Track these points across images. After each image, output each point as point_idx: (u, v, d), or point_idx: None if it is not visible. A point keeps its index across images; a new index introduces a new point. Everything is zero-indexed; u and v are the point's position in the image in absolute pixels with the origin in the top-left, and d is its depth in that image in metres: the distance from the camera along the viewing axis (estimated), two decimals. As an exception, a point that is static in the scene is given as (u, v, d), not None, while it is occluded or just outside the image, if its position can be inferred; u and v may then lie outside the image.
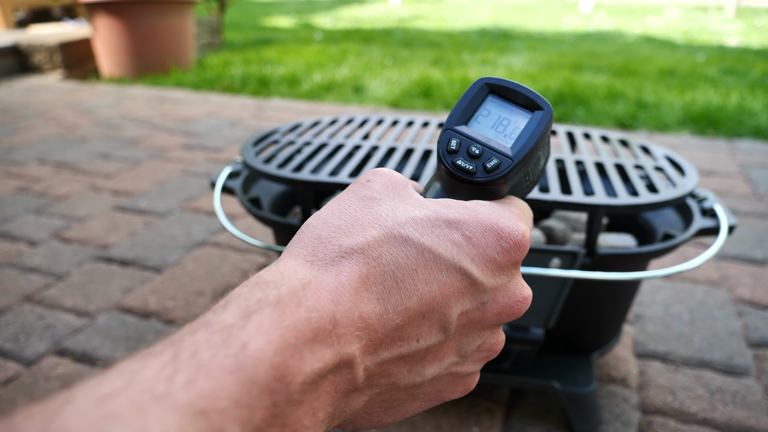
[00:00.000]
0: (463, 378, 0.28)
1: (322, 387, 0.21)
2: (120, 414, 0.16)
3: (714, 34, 4.88)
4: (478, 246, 0.25)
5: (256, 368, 0.19)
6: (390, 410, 0.26)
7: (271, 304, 0.21)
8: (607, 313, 0.73)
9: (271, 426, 0.19)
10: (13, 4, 3.74)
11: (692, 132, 2.11)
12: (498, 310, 0.26)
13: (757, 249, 1.20)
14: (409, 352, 0.24)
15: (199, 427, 0.17)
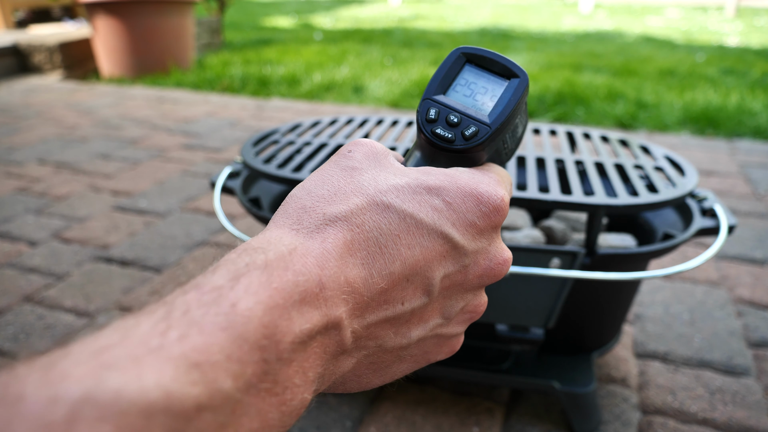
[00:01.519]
0: (448, 339, 0.29)
1: (311, 347, 0.21)
2: (116, 363, 0.17)
3: (714, 34, 4.88)
4: (459, 211, 0.26)
5: (246, 326, 0.19)
6: (378, 372, 0.27)
7: (259, 268, 0.21)
8: (607, 313, 0.73)
9: (262, 381, 0.19)
10: (13, 5, 3.74)
11: (692, 132, 2.11)
12: (479, 272, 0.27)
13: (757, 249, 1.20)
14: (394, 315, 0.25)
15: (193, 377, 0.17)
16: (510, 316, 0.66)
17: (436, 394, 0.79)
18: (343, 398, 0.78)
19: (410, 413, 0.75)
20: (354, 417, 0.75)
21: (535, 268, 0.60)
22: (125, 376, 0.16)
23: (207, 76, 2.91)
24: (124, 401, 0.16)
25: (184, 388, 0.17)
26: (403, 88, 2.64)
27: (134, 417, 0.16)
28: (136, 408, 0.16)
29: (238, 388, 0.19)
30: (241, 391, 0.19)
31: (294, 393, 0.21)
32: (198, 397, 0.17)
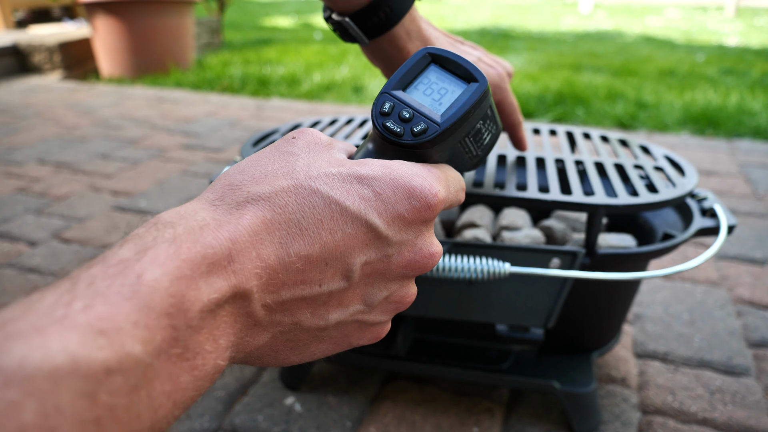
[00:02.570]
0: (370, 326, 0.29)
1: (220, 316, 0.22)
2: (19, 333, 0.17)
3: (714, 34, 4.88)
4: (387, 202, 0.26)
5: (152, 295, 0.20)
6: (296, 350, 0.27)
7: (166, 241, 0.21)
8: (607, 313, 0.73)
9: (172, 347, 0.20)
10: (12, 5, 3.74)
11: (692, 132, 2.11)
12: (403, 263, 0.27)
13: (756, 249, 1.20)
14: (311, 295, 0.25)
15: (99, 343, 0.17)
16: (510, 316, 0.66)
17: (436, 394, 0.79)
18: (343, 398, 0.78)
19: (410, 413, 0.75)
20: (354, 417, 0.75)
21: (535, 268, 0.60)
22: (29, 344, 0.16)
23: (207, 76, 2.91)
24: (29, 367, 0.16)
25: (91, 352, 0.17)
26: (403, 88, 2.64)
27: (41, 381, 0.16)
28: (42, 373, 0.16)
29: (148, 353, 0.19)
30: (152, 355, 0.19)
31: (206, 359, 0.21)
32: (106, 360, 0.17)
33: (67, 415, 0.16)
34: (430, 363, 0.73)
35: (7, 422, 0.15)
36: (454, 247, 0.64)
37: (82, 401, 0.17)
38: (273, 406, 0.77)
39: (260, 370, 0.84)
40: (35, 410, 0.16)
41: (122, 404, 0.18)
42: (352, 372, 0.83)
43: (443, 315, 0.68)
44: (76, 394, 0.17)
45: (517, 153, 0.75)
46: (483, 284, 0.65)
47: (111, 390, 0.17)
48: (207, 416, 0.75)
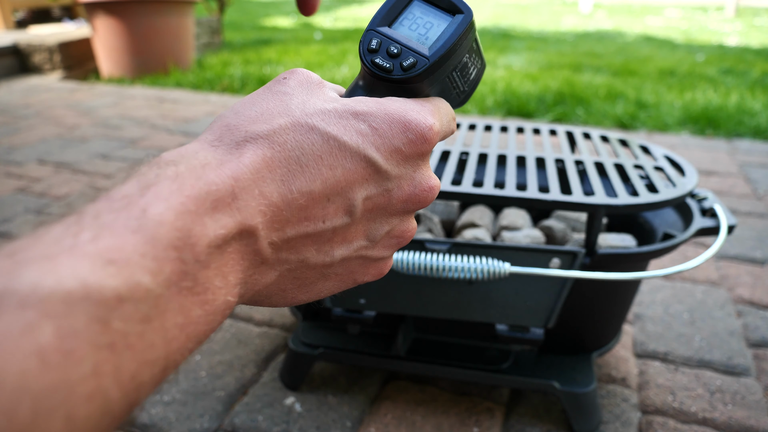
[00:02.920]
0: (374, 262, 0.29)
1: (227, 253, 0.22)
2: (30, 261, 0.17)
3: (714, 34, 4.88)
4: (384, 136, 0.26)
5: (158, 229, 0.20)
6: (303, 288, 0.27)
7: (169, 178, 0.21)
8: (607, 313, 0.73)
9: (182, 280, 0.20)
10: (12, 5, 3.74)
11: (692, 132, 2.11)
12: (403, 197, 0.28)
13: (756, 249, 1.20)
14: (315, 232, 0.25)
15: (109, 271, 0.18)
16: (510, 316, 0.66)
17: (436, 394, 0.79)
18: (343, 398, 0.78)
19: (410, 413, 0.75)
20: (354, 417, 0.75)
21: (535, 268, 0.60)
22: (41, 270, 0.17)
23: (207, 76, 2.91)
24: (42, 291, 0.16)
25: (102, 280, 0.17)
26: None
27: (55, 303, 0.16)
28: (56, 296, 0.16)
29: (159, 284, 0.19)
30: (162, 286, 0.19)
31: (216, 294, 0.21)
32: (117, 288, 0.18)
33: (83, 338, 0.17)
34: (430, 363, 0.73)
35: (25, 343, 0.15)
36: (454, 247, 0.64)
37: (95, 326, 0.17)
38: (273, 406, 0.77)
39: (260, 370, 0.84)
40: (52, 332, 0.16)
41: (135, 332, 0.18)
42: (352, 372, 0.83)
43: (443, 315, 0.68)
44: (90, 319, 0.17)
45: (517, 153, 0.75)
46: (483, 284, 0.65)
47: (123, 317, 0.18)
48: (207, 416, 0.75)
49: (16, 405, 0.15)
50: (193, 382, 0.81)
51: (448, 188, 0.64)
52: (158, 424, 0.74)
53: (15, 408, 0.15)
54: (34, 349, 0.16)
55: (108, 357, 0.17)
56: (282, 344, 0.90)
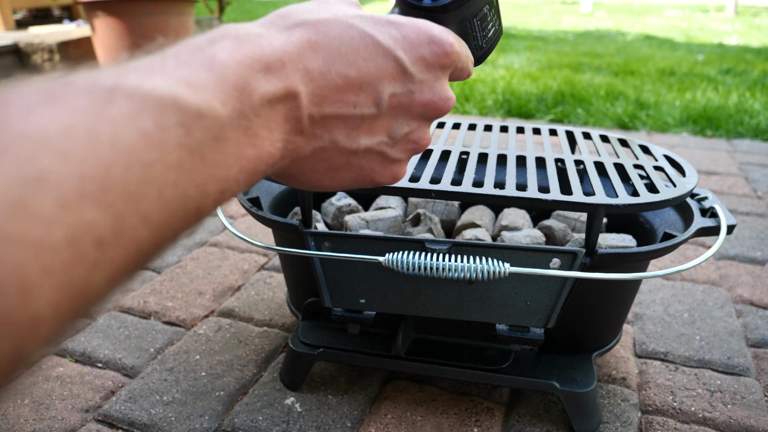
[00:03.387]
0: (391, 163, 0.33)
1: (275, 110, 0.26)
2: (131, 70, 0.21)
3: (714, 34, 4.88)
4: (412, 43, 0.30)
5: (225, 71, 0.23)
6: (329, 173, 0.31)
7: (231, 38, 0.25)
8: (607, 313, 0.73)
9: (240, 119, 0.24)
10: (12, 5, 3.74)
11: (692, 132, 2.11)
12: (424, 101, 0.31)
13: (756, 249, 1.20)
14: (347, 115, 0.29)
15: (191, 91, 0.21)
16: (510, 316, 0.66)
17: (436, 394, 0.79)
18: (343, 398, 0.78)
19: (410, 413, 0.76)
20: (354, 417, 0.75)
21: (535, 268, 0.60)
22: (140, 77, 0.20)
23: (207, 76, 2.91)
24: (144, 90, 0.20)
25: (187, 95, 0.21)
26: (403, 88, 2.64)
27: (153, 101, 0.20)
28: (153, 97, 0.20)
29: (226, 113, 0.23)
30: (227, 116, 0.23)
31: (263, 141, 0.25)
32: (198, 104, 0.21)
33: (172, 134, 0.20)
34: (430, 363, 0.73)
35: (134, 124, 0.19)
36: (454, 247, 0.64)
37: (181, 129, 0.20)
38: (273, 406, 0.77)
39: (260, 370, 0.84)
40: (152, 121, 0.19)
41: (208, 146, 0.22)
42: (352, 372, 0.83)
43: (443, 315, 0.68)
44: (178, 122, 0.20)
45: (517, 153, 0.75)
46: (483, 284, 0.65)
47: (201, 129, 0.21)
48: (207, 416, 0.75)
49: (129, 168, 0.18)
50: (193, 382, 0.81)
51: (448, 188, 0.64)
52: (158, 423, 0.74)
53: (128, 170, 0.18)
54: (140, 129, 0.19)
55: (188, 157, 0.21)
56: (282, 344, 0.90)
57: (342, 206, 0.86)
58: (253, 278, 1.09)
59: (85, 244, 0.17)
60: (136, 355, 0.87)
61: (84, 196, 0.17)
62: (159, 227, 0.20)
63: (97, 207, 0.17)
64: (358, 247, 0.66)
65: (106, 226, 0.17)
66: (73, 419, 0.75)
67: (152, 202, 0.19)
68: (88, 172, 0.17)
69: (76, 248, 0.17)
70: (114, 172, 0.18)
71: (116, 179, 0.18)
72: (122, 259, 0.19)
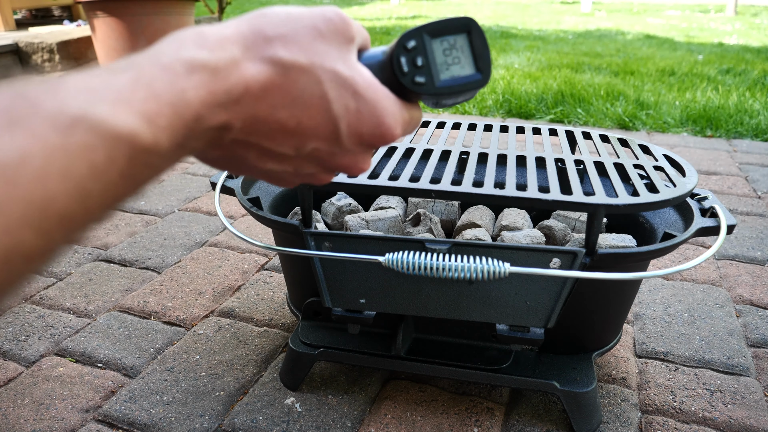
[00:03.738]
0: (297, 176, 0.35)
1: (207, 134, 0.27)
2: (102, 100, 0.22)
3: (714, 34, 4.88)
4: (360, 120, 0.31)
5: (186, 111, 0.25)
6: (236, 170, 0.34)
7: (208, 72, 0.26)
8: (607, 313, 0.73)
9: (178, 149, 0.25)
10: (12, 5, 3.74)
11: (692, 132, 2.11)
12: (339, 163, 0.34)
13: (756, 249, 1.20)
14: (266, 148, 0.31)
15: (149, 128, 0.23)
16: (510, 316, 0.66)
17: (436, 394, 0.79)
18: (343, 398, 0.78)
19: (410, 413, 0.76)
20: (354, 417, 0.75)
21: (535, 268, 0.60)
22: (108, 108, 0.22)
23: (207, 76, 2.91)
24: (107, 126, 0.21)
25: (145, 133, 0.23)
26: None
27: (111, 138, 0.21)
28: (113, 133, 0.21)
29: (168, 148, 0.24)
30: (169, 151, 0.25)
31: (187, 151, 0.27)
32: (150, 142, 0.23)
33: (116, 166, 0.22)
34: (430, 363, 0.73)
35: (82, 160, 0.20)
36: (454, 247, 0.64)
37: (126, 161, 0.22)
38: (273, 406, 0.77)
39: (260, 370, 0.84)
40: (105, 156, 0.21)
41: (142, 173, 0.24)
42: (352, 372, 0.83)
43: (443, 315, 0.68)
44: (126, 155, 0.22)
45: (517, 153, 0.75)
46: (483, 284, 0.65)
47: (144, 162, 0.23)
48: (207, 416, 0.75)
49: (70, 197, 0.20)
50: (193, 382, 0.81)
51: (448, 188, 0.64)
52: (158, 423, 0.74)
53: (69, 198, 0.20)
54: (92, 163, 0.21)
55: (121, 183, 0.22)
56: (282, 344, 0.90)
57: (342, 206, 0.86)
58: (253, 278, 1.09)
59: (16, 262, 0.19)
60: (136, 355, 0.87)
61: (25, 223, 0.18)
62: (78, 233, 0.22)
63: (34, 233, 0.19)
64: (358, 247, 0.66)
65: (38, 247, 0.19)
66: (73, 419, 0.75)
67: (80, 221, 0.21)
68: (34, 201, 0.19)
69: (7, 266, 0.19)
70: (56, 202, 0.19)
71: (56, 207, 0.19)
72: (44, 265, 0.21)
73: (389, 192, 0.65)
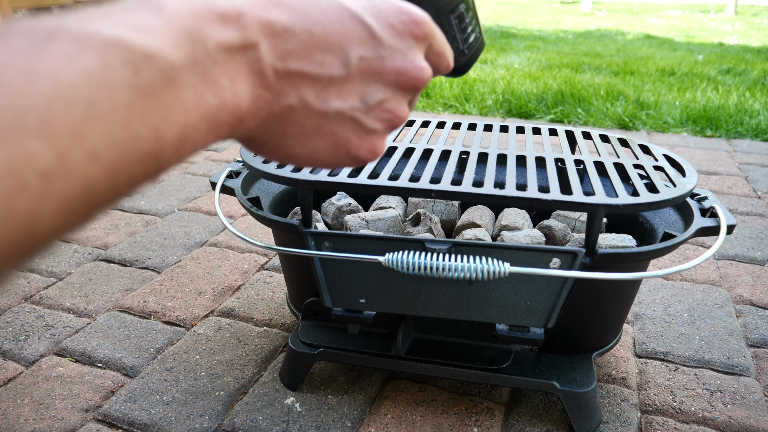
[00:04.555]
0: (367, 134, 0.31)
1: (235, 60, 0.25)
2: (72, 18, 0.20)
3: (714, 34, 4.88)
4: (381, 11, 0.30)
5: (174, 18, 0.23)
6: (300, 138, 0.30)
7: None
8: (607, 313, 0.73)
9: (195, 65, 0.23)
10: (13, 4, 3.74)
11: (692, 132, 2.11)
12: (396, 68, 0.30)
13: (756, 249, 1.21)
14: (314, 72, 0.28)
15: (138, 34, 0.21)
16: (510, 316, 0.66)
17: (436, 394, 0.79)
18: (343, 398, 0.78)
19: (410, 413, 0.76)
20: (354, 417, 0.75)
21: (535, 268, 0.60)
22: (82, 22, 0.20)
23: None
24: (86, 32, 0.20)
25: (133, 36, 0.21)
26: (403, 88, 2.64)
27: (95, 44, 0.19)
28: (96, 39, 0.20)
29: (176, 57, 0.22)
30: (178, 60, 0.22)
31: (224, 90, 0.24)
32: (145, 45, 0.21)
33: (118, 75, 0.20)
34: (430, 363, 0.73)
35: (71, 65, 0.18)
36: (454, 247, 0.64)
37: (128, 69, 0.20)
38: (273, 406, 0.77)
39: (260, 369, 0.84)
40: (96, 61, 0.19)
41: (161, 88, 0.21)
42: (351, 372, 0.83)
43: (443, 315, 0.68)
44: (124, 61, 0.20)
45: (517, 153, 0.75)
46: (483, 284, 0.65)
47: (152, 70, 0.21)
48: (207, 416, 0.75)
49: (71, 103, 0.18)
50: (193, 381, 0.81)
51: (448, 188, 0.64)
52: (158, 423, 0.74)
53: (69, 104, 0.18)
54: (83, 68, 0.18)
55: (138, 98, 0.20)
56: (282, 344, 0.90)
57: (342, 206, 0.86)
58: (253, 278, 1.09)
59: (27, 175, 0.17)
60: (136, 355, 0.87)
61: (21, 128, 0.17)
62: (111, 168, 0.20)
63: (38, 139, 0.17)
64: (358, 247, 0.66)
65: (50, 158, 0.17)
66: (73, 419, 0.75)
67: (100, 139, 0.19)
68: (25, 105, 0.17)
69: (16, 178, 0.17)
70: (55, 107, 0.18)
71: (57, 113, 0.18)
72: (72, 196, 0.18)
73: (389, 192, 0.65)
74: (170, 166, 0.23)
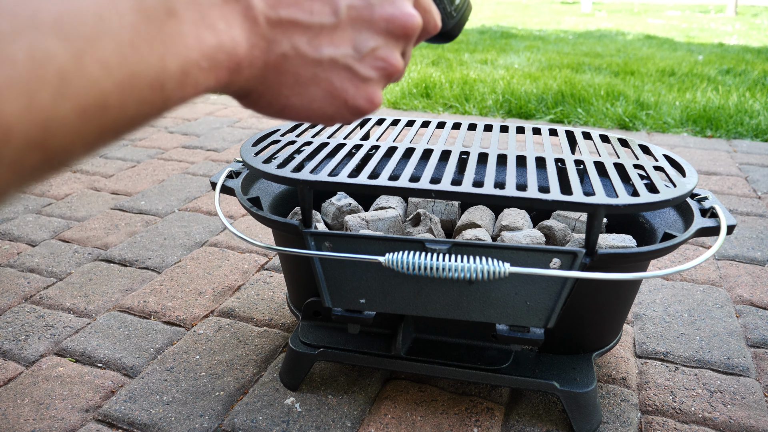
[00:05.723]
0: (362, 82, 0.31)
1: (228, 5, 0.25)
2: None
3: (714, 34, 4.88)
4: None
5: None
6: (296, 89, 0.29)
7: None
8: (607, 313, 0.73)
9: (193, 3, 0.23)
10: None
11: (692, 132, 2.11)
12: (385, 15, 0.30)
13: (756, 249, 1.20)
14: (304, 20, 0.28)
15: None
16: (510, 316, 0.66)
17: (436, 394, 0.79)
18: (343, 398, 0.78)
19: (410, 413, 0.76)
20: (354, 417, 0.75)
21: (535, 268, 0.60)
22: None
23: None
24: None
25: None
26: (403, 88, 2.64)
27: None
28: None
29: None
30: None
31: (221, 33, 0.24)
32: None
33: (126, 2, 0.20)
34: (430, 363, 0.73)
35: None
36: (454, 247, 0.64)
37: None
38: (273, 406, 0.77)
39: (260, 370, 0.84)
40: None
41: (163, 17, 0.22)
42: (351, 372, 0.83)
43: (443, 315, 0.68)
44: None
45: (517, 153, 0.75)
46: (483, 284, 0.65)
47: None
48: (207, 416, 0.75)
49: (81, 12, 0.19)
50: (193, 381, 0.81)
51: (448, 188, 0.64)
52: (158, 423, 0.74)
53: (80, 13, 0.18)
54: None
55: (142, 22, 0.21)
56: (282, 344, 0.90)
57: (342, 206, 0.86)
58: (253, 278, 1.09)
59: (46, 71, 0.17)
60: (136, 355, 0.87)
61: (39, 27, 0.17)
62: (121, 85, 0.20)
63: (54, 36, 0.18)
64: (358, 247, 0.66)
65: (66, 59, 0.18)
66: (73, 419, 0.75)
67: (110, 52, 0.19)
68: (41, 6, 0.18)
69: (36, 72, 0.17)
70: (68, 14, 0.18)
71: (69, 18, 0.18)
72: (87, 103, 0.19)
73: (389, 192, 0.65)
74: (175, 102, 0.23)
